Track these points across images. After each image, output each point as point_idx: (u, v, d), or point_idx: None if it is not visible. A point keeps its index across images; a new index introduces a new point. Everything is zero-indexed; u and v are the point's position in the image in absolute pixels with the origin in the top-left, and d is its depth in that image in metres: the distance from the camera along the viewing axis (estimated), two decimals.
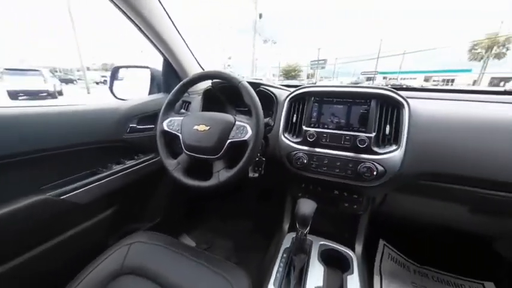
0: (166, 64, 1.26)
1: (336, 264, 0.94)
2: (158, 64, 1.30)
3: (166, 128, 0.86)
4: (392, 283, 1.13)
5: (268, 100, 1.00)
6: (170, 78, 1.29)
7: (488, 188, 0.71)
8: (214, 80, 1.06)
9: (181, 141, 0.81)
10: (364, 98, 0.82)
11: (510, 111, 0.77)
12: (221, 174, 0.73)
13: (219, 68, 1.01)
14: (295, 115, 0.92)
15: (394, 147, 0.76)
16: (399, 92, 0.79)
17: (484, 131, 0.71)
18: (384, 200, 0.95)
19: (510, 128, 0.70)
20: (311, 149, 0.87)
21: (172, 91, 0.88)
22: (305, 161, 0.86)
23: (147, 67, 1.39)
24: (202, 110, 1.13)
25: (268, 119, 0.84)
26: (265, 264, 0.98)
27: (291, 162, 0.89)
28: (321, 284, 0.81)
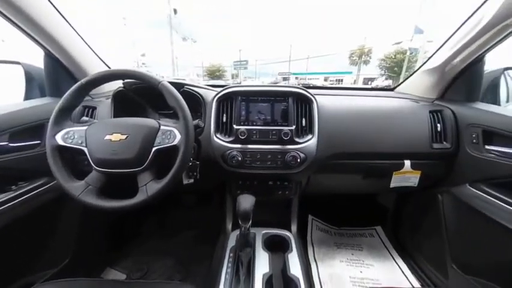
0: (51, 60, 0.96)
1: (278, 247, 1.03)
2: (36, 60, 0.99)
3: (62, 143, 0.66)
4: (321, 248, 1.36)
5: (195, 101, 0.95)
6: (60, 78, 1.00)
7: (373, 159, 0.98)
8: (126, 80, 0.90)
9: (88, 156, 0.65)
10: (283, 96, 0.94)
11: (378, 101, 1.13)
12: (149, 187, 0.63)
13: (131, 67, 0.85)
14: (224, 114, 0.93)
15: (310, 136, 0.91)
16: (308, 90, 0.95)
17: (366, 118, 0.98)
18: (308, 182, 1.12)
19: (380, 113, 0.99)
20: (244, 146, 0.90)
21: (66, 94, 0.68)
22: (240, 159, 0.88)
23: (17, 62, 1.02)
24: (115, 116, 0.94)
25: (197, 120, 0.80)
26: (213, 270, 0.95)
27: (226, 161, 0.90)
28: (267, 269, 0.87)
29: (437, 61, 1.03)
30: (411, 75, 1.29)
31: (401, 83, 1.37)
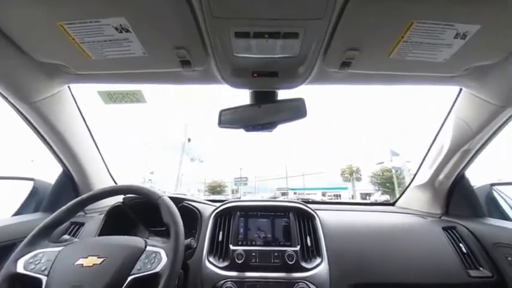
0: (64, 176, 1.03)
1: None
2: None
3: (20, 269, 0.54)
4: None
5: (192, 217, 0.91)
6: (64, 193, 1.02)
7: None
8: (127, 196, 0.91)
9: None
10: (283, 211, 0.91)
11: (384, 217, 1.09)
12: None
13: (137, 182, 0.89)
14: (221, 232, 0.85)
15: (318, 260, 0.78)
16: (309, 205, 0.94)
17: (377, 236, 0.89)
18: None
19: (391, 231, 0.92)
20: (240, 274, 0.75)
21: (61, 208, 0.66)
22: None
23: (31, 179, 1.09)
24: (101, 234, 0.86)
25: (190, 239, 0.72)
26: None
27: None
28: None
29: (424, 178, 1.11)
30: (405, 190, 1.34)
31: (399, 197, 1.39)
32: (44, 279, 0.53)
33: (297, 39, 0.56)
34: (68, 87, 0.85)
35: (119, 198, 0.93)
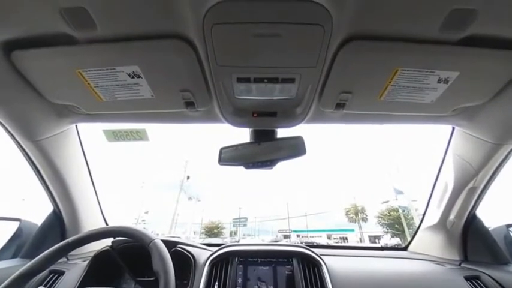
0: (53, 215, 0.98)
1: None
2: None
3: None
4: None
5: (185, 264, 0.82)
6: (49, 236, 0.95)
7: None
8: (116, 239, 0.85)
9: None
10: (286, 257, 0.83)
11: (398, 264, 0.99)
12: None
13: (129, 223, 0.83)
14: (217, 283, 0.75)
15: None
16: (313, 250, 0.86)
17: (392, 286, 0.79)
18: None
19: (404, 280, 0.82)
20: None
21: (42, 254, 0.60)
22: None
23: (17, 219, 1.02)
24: (82, 285, 0.76)
25: None
26: None
27: None
28: None
29: (434, 219, 1.05)
30: (416, 232, 1.25)
31: (411, 241, 1.28)
32: None
33: (294, 84, 0.61)
34: (75, 125, 0.88)
35: (107, 242, 0.86)
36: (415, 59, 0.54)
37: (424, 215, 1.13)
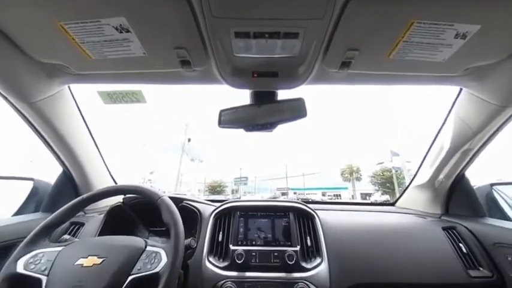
0: (64, 176, 1.03)
1: None
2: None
3: (21, 270, 0.54)
4: None
5: (192, 217, 0.91)
6: (64, 193, 1.02)
7: None
8: (127, 195, 0.91)
9: None
10: (283, 211, 0.91)
11: (384, 217, 1.08)
12: None
13: (136, 182, 0.89)
14: (221, 232, 0.85)
15: (318, 260, 0.78)
16: (309, 205, 0.94)
17: (378, 236, 0.89)
18: None
19: (392, 231, 0.92)
20: (240, 274, 0.75)
21: (61, 209, 0.66)
22: None
23: (31, 179, 1.09)
24: (101, 234, 0.86)
25: (190, 239, 0.72)
26: None
27: None
28: None
29: (424, 178, 1.11)
30: (405, 190, 1.34)
31: (399, 197, 1.39)
32: (44, 279, 0.53)
33: (297, 39, 0.56)
34: (68, 87, 0.85)
35: (119, 198, 0.93)
36: (434, 11, 0.49)
37: (415, 174, 1.20)
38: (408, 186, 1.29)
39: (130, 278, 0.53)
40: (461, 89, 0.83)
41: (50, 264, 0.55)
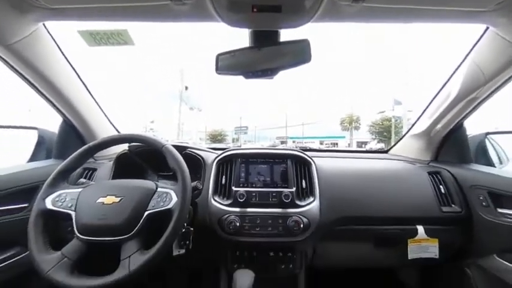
0: (66, 125, 1.04)
1: None
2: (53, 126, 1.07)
3: (50, 206, 0.62)
4: None
5: (195, 163, 0.97)
6: (70, 141, 1.06)
7: (382, 224, 0.91)
8: (132, 144, 0.95)
9: (74, 221, 0.60)
10: (282, 158, 0.96)
11: (375, 163, 1.17)
12: (133, 259, 0.55)
13: (139, 131, 0.92)
14: (224, 176, 0.92)
15: (311, 199, 0.88)
16: (306, 153, 0.99)
17: (366, 179, 0.98)
18: (314, 252, 0.99)
19: (379, 175, 1.00)
20: (242, 210, 0.85)
21: (71, 156, 0.70)
22: (238, 224, 0.81)
23: (34, 128, 1.10)
24: (114, 178, 0.93)
25: (196, 182, 0.79)
26: None
27: (223, 227, 0.82)
28: None
29: (422, 127, 1.12)
30: (401, 139, 1.38)
31: (394, 145, 1.44)
32: (73, 213, 0.61)
33: None
34: (44, 25, 0.76)
35: (125, 147, 0.97)
36: None
37: (413, 124, 1.21)
38: (404, 135, 1.33)
39: (147, 213, 0.61)
40: (486, 29, 0.74)
41: (75, 202, 0.63)
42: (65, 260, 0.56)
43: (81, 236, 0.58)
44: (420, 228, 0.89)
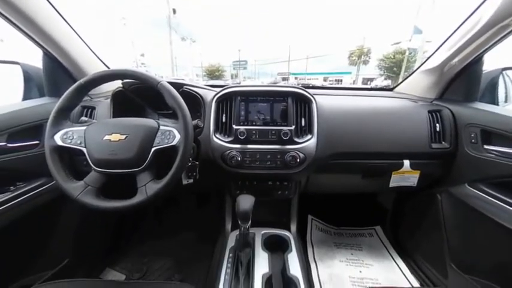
0: (50, 60, 0.96)
1: (278, 247, 1.03)
2: (35, 60, 0.98)
3: (60, 143, 0.65)
4: (320, 248, 1.36)
5: (194, 101, 0.95)
6: (58, 78, 1.00)
7: (372, 159, 0.98)
8: (125, 81, 0.90)
9: (87, 156, 0.65)
10: (282, 96, 0.94)
11: (377, 101, 1.14)
12: (149, 187, 0.63)
13: (130, 67, 0.85)
14: (224, 115, 0.93)
15: (309, 136, 0.91)
16: (308, 90, 0.95)
17: (365, 117, 0.98)
18: (307, 181, 1.12)
19: (378, 113, 0.99)
20: (243, 146, 0.90)
21: (65, 94, 0.68)
22: (239, 159, 0.88)
23: (15, 62, 1.02)
24: (114, 116, 0.94)
25: (196, 120, 0.80)
26: (213, 270, 0.95)
27: (225, 162, 0.90)
28: (267, 270, 0.87)
29: (436, 61, 1.03)
30: (410, 75, 1.29)
31: (401, 83, 1.37)
32: (84, 149, 0.65)
33: None
34: None
35: (118, 84, 0.92)
36: None
37: (428, 57, 1.10)
38: (415, 70, 1.24)
39: (153, 149, 0.65)
40: None
41: (82, 139, 0.66)
42: (89, 187, 0.64)
43: (97, 169, 0.64)
44: (406, 162, 0.97)
